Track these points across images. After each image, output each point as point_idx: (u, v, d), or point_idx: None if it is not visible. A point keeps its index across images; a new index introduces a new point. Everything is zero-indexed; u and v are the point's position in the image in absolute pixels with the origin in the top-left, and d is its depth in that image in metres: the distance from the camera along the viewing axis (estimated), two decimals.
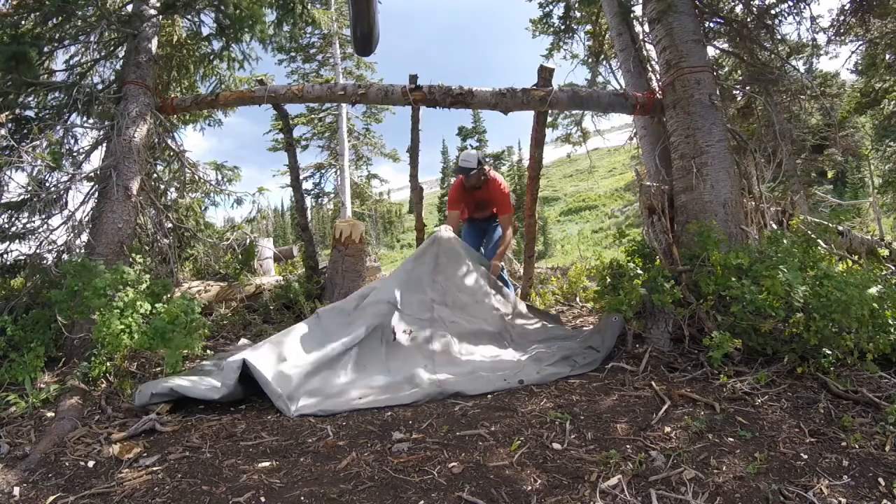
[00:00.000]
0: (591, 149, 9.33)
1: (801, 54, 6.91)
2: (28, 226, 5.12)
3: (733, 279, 3.80)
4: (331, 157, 20.89)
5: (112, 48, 6.04)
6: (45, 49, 5.51)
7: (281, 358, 3.90)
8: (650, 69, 6.49)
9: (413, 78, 5.96)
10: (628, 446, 2.65)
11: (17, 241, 5.12)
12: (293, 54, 19.11)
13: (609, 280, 4.61)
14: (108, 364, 3.80)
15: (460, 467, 2.54)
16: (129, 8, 6.00)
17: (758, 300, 3.51)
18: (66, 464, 2.81)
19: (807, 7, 6.19)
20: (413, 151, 7.01)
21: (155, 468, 2.72)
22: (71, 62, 5.99)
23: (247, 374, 3.62)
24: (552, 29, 8.85)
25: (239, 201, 7.06)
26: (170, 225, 6.36)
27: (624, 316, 4.17)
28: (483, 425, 3.03)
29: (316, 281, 7.14)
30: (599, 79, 8.55)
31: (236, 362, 3.59)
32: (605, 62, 8.49)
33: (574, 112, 8.52)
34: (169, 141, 6.41)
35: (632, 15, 6.63)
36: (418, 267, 5.21)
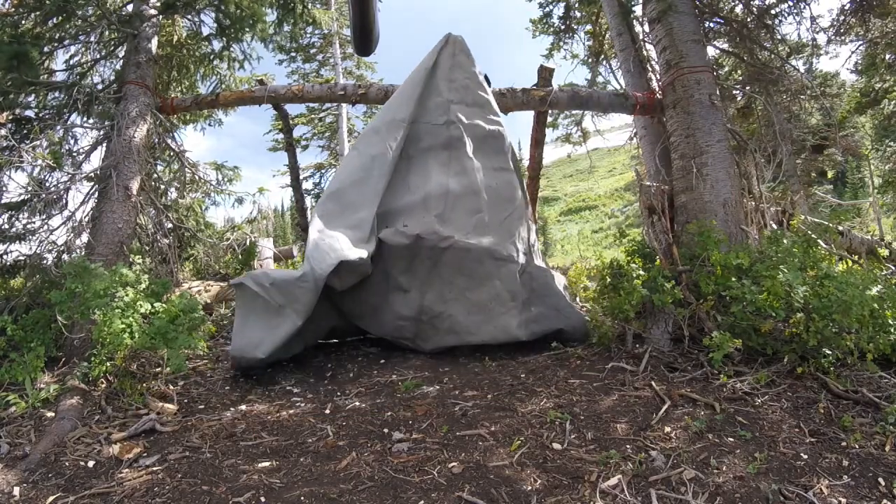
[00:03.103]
0: (591, 149, 9.35)
1: (801, 54, 6.92)
2: (28, 226, 5.12)
3: (733, 279, 3.80)
4: (331, 157, 20.87)
5: (112, 48, 6.04)
6: (46, 49, 5.52)
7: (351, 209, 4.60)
8: (650, 69, 6.49)
9: None
10: (628, 446, 2.65)
11: (17, 241, 5.12)
12: (293, 54, 19.09)
13: (609, 280, 4.61)
14: (108, 364, 3.80)
15: (460, 467, 2.54)
16: (129, 8, 6.01)
17: (758, 300, 3.51)
18: (66, 464, 2.81)
19: (807, 7, 6.21)
20: None
21: (155, 468, 2.73)
22: (71, 62, 6.00)
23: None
24: (552, 29, 8.86)
25: (240, 201, 7.08)
26: (170, 225, 6.36)
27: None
28: (483, 425, 3.03)
29: None
30: (599, 79, 8.58)
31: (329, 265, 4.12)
32: (605, 62, 8.50)
33: (574, 112, 8.53)
34: (169, 141, 6.41)
35: (632, 15, 6.64)
36: (435, 71, 5.10)
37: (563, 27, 8.81)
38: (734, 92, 6.96)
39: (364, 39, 5.31)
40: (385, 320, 4.79)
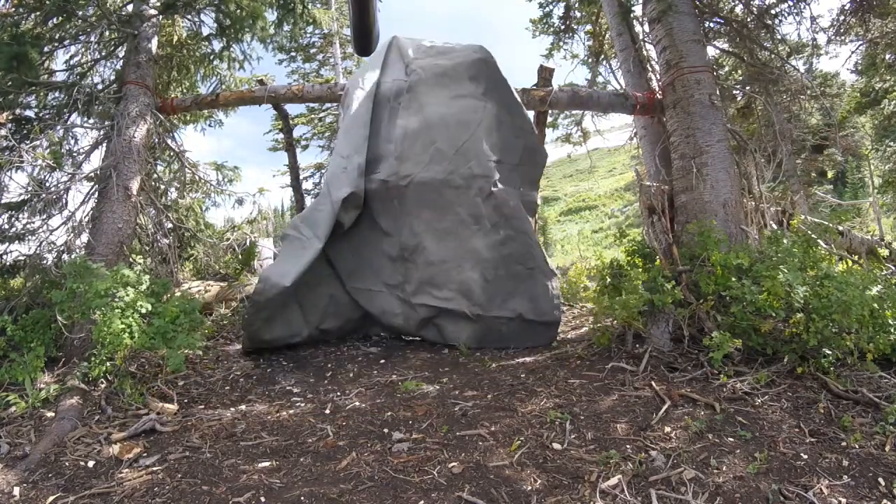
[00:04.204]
0: (591, 149, 9.35)
1: (801, 54, 6.91)
2: (28, 226, 5.12)
3: (733, 279, 3.80)
4: (331, 157, 20.85)
5: (112, 48, 6.04)
6: (46, 49, 5.52)
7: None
8: (650, 69, 6.49)
9: None
10: (628, 446, 2.65)
11: (17, 241, 5.12)
12: (293, 54, 19.07)
13: (609, 280, 4.61)
14: (108, 364, 3.80)
15: (460, 467, 2.54)
16: (129, 8, 6.01)
17: (758, 300, 3.51)
18: (66, 464, 2.81)
19: (807, 7, 6.20)
20: None
21: (155, 468, 2.73)
22: (71, 62, 6.00)
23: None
24: (552, 29, 8.86)
25: (240, 201, 7.07)
26: (170, 225, 6.36)
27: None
28: (483, 425, 3.03)
29: None
30: (599, 79, 8.57)
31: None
32: (605, 62, 8.50)
33: (574, 112, 8.52)
34: (169, 141, 6.41)
35: (632, 15, 6.63)
36: (393, 56, 5.70)
37: (563, 27, 8.80)
38: (734, 92, 6.95)
39: (364, 39, 5.32)
40: (378, 267, 5.28)
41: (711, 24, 6.56)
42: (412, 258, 5.05)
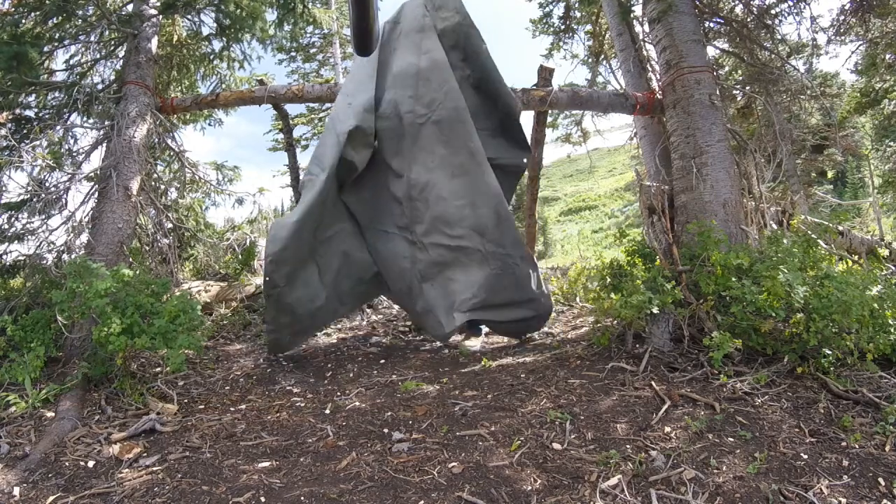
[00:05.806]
0: (591, 149, 9.36)
1: (801, 54, 6.90)
2: (28, 226, 5.12)
3: (733, 279, 3.80)
4: None
5: (112, 48, 6.04)
6: (46, 49, 5.51)
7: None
8: (650, 69, 6.49)
9: None
10: (628, 446, 2.65)
11: (16, 241, 5.12)
12: (293, 54, 19.07)
13: (609, 280, 4.60)
14: (108, 364, 3.80)
15: (460, 467, 2.54)
16: (129, 8, 6.01)
17: (758, 300, 3.51)
18: (66, 464, 2.81)
19: (807, 7, 6.19)
20: None
21: (155, 468, 2.73)
22: (71, 62, 6.00)
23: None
24: (552, 29, 8.85)
25: (240, 201, 7.07)
26: (170, 225, 6.36)
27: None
28: (483, 425, 3.03)
29: None
30: (599, 79, 8.57)
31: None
32: (605, 62, 8.49)
33: (574, 112, 8.52)
34: (169, 141, 6.40)
35: (632, 15, 6.63)
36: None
37: (563, 27, 8.80)
38: (734, 92, 6.95)
39: (364, 39, 5.33)
40: (391, 210, 5.25)
41: (711, 24, 6.56)
42: (422, 196, 4.99)
